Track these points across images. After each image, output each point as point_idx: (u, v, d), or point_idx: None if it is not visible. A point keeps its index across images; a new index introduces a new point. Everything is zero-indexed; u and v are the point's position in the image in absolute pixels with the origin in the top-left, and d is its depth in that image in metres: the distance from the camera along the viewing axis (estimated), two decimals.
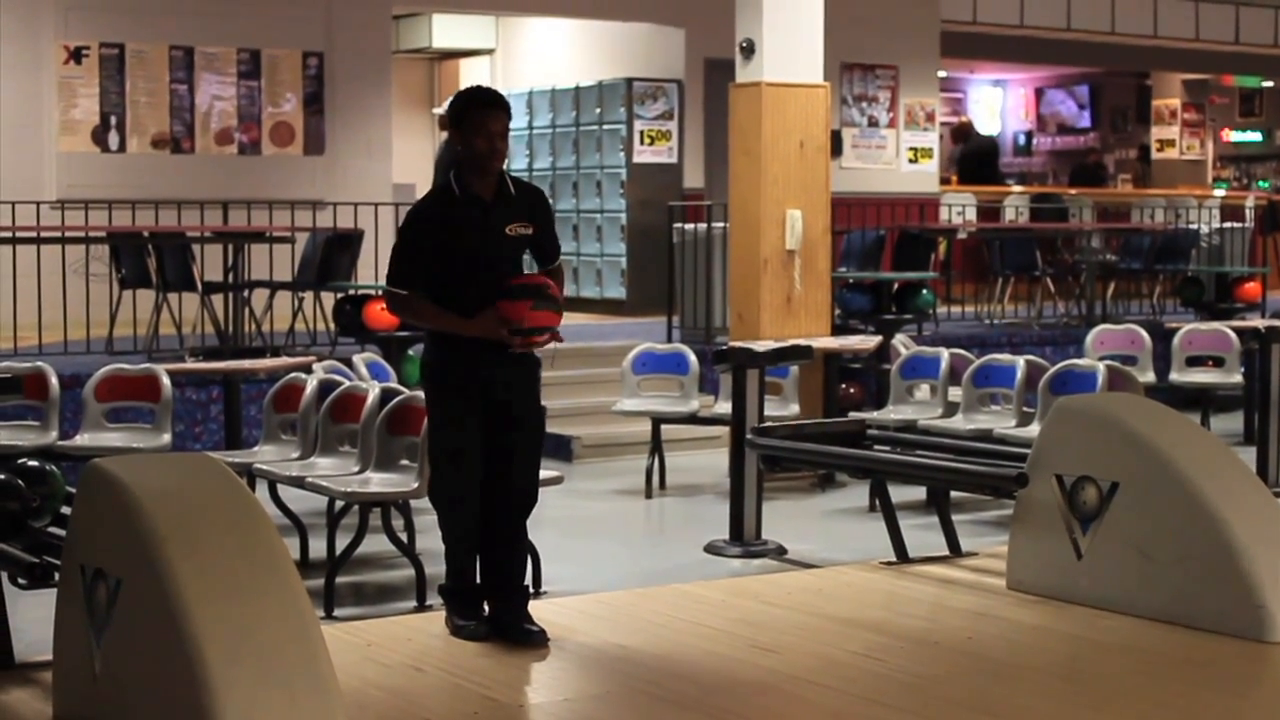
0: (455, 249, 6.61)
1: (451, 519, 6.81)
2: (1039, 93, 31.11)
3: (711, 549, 9.84)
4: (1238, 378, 13.71)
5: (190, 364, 11.85)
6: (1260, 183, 29.88)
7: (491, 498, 6.78)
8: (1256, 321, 14.68)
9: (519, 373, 6.80)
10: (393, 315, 6.62)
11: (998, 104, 31.08)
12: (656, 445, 11.89)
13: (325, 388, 9.61)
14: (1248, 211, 21.75)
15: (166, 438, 9.85)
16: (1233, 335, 13.77)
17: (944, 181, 21.53)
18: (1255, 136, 31.70)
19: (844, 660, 6.48)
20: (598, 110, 18.34)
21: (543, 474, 9.18)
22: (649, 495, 11.78)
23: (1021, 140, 31.19)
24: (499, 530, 6.79)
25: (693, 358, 12.14)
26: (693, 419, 11.97)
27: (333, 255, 14.02)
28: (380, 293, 7.05)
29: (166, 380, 10.02)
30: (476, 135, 6.63)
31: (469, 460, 6.72)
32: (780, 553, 9.75)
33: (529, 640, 6.60)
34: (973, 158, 23.29)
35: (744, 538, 9.82)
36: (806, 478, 11.86)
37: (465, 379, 6.69)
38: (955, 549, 8.48)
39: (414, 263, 6.71)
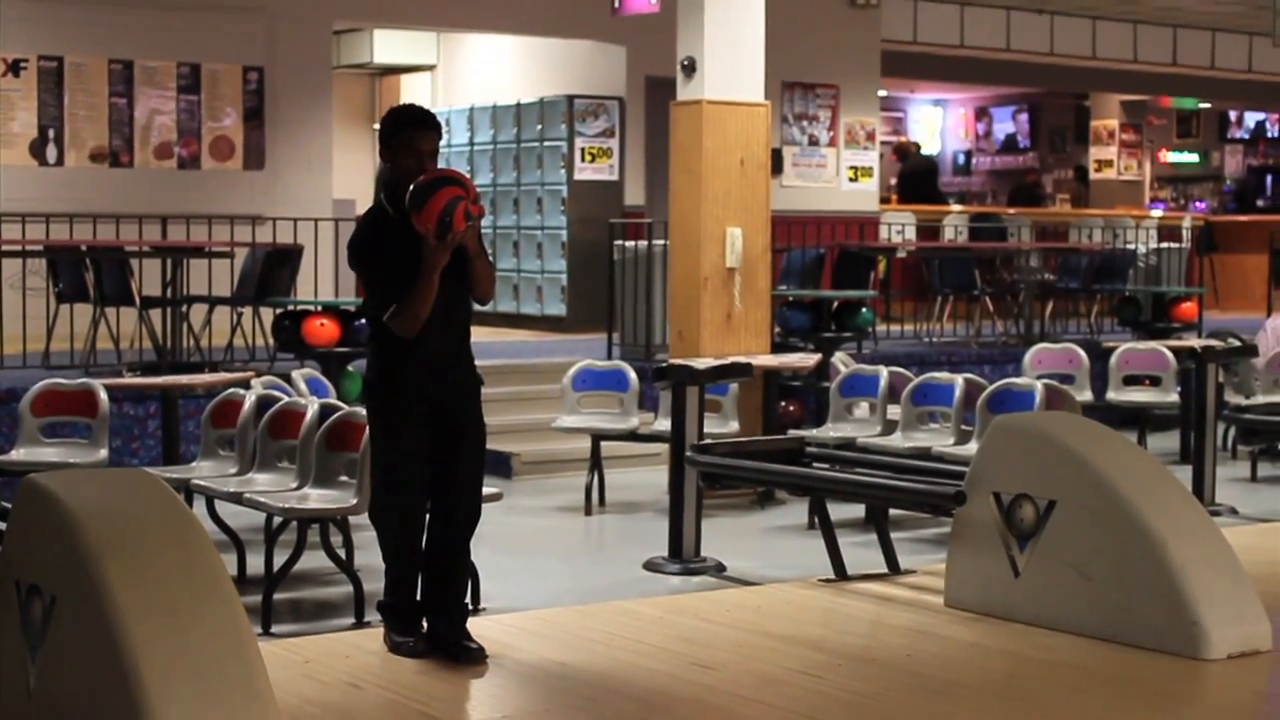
0: (400, 269, 6.53)
1: (392, 536, 6.78)
2: (979, 112, 31.29)
3: (651, 566, 9.84)
4: (1174, 397, 13.80)
5: (128, 379, 11.78)
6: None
7: (436, 515, 6.77)
8: (1193, 341, 14.78)
9: (463, 389, 6.76)
10: (404, 333, 6.51)
11: (937, 123, 31.25)
12: (596, 462, 11.88)
13: (264, 403, 9.58)
14: (1185, 232, 21.92)
15: (103, 453, 9.79)
16: (1169, 355, 13.87)
17: (884, 200, 21.61)
18: (1192, 157, 31.97)
19: (782, 678, 6.49)
20: (539, 127, 18.34)
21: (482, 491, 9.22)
22: (588, 512, 11.77)
23: (961, 160, 31.35)
24: (442, 548, 6.77)
25: (632, 375, 12.14)
26: (632, 436, 11.97)
27: (272, 270, 13.97)
28: (366, 318, 6.89)
29: (104, 395, 9.96)
30: (406, 155, 6.61)
31: (411, 477, 6.70)
32: (719, 570, 9.76)
33: (468, 657, 6.59)
34: (912, 177, 23.40)
35: (683, 555, 9.83)
36: (746, 495, 11.87)
37: (409, 395, 6.65)
38: (894, 567, 8.50)
39: (382, 284, 6.62)
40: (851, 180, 20.17)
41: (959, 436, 10.93)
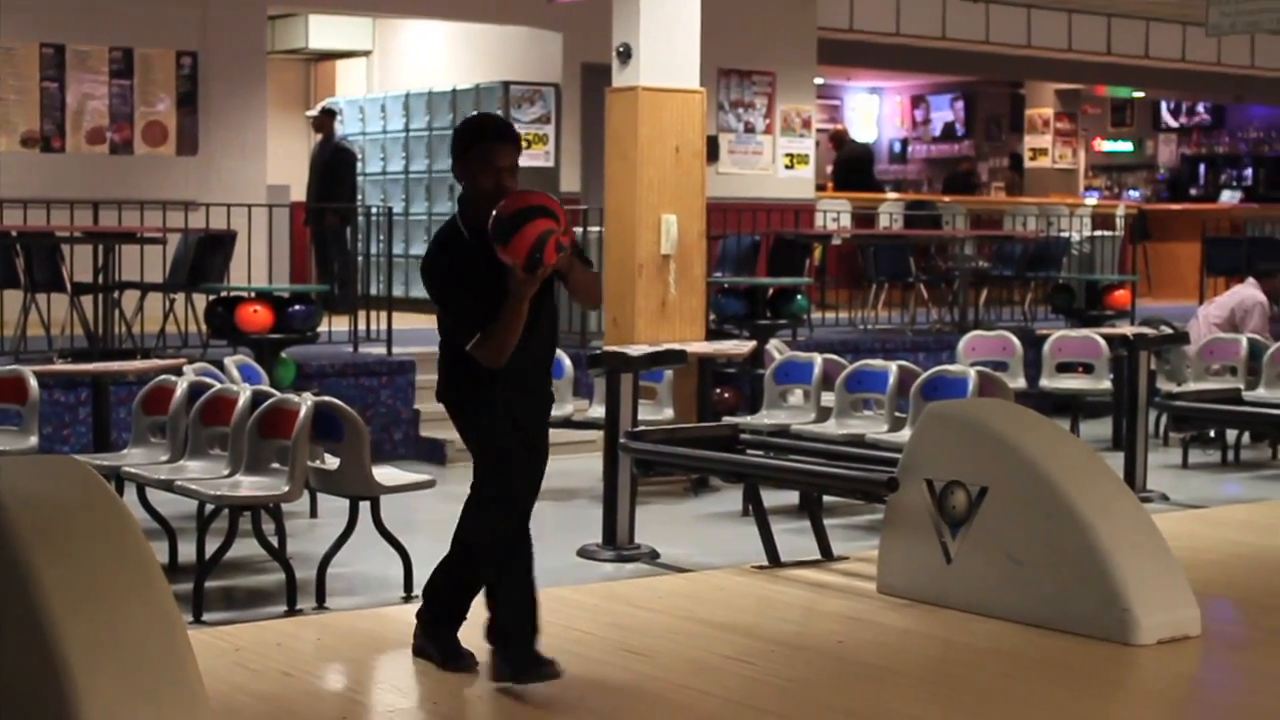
0: (480, 295, 5.98)
1: (505, 562, 6.28)
2: (915, 100, 31.38)
3: (584, 553, 9.83)
4: (1107, 384, 13.89)
5: (58, 365, 11.70)
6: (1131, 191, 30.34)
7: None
8: (1125, 328, 14.88)
9: (542, 406, 6.41)
10: (490, 363, 6.02)
11: (874, 111, 31.32)
12: None
13: (195, 390, 9.52)
14: (1118, 220, 22.03)
15: (33, 440, 9.71)
16: (1102, 342, 13.95)
17: (819, 188, 21.65)
18: (1126, 146, 32.14)
19: (715, 664, 6.50)
20: (474, 113, 18.27)
21: (416, 478, 9.22)
22: None
23: (897, 148, 31.44)
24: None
25: (567, 362, 12.12)
26: (567, 423, 11.93)
27: (205, 257, 13.89)
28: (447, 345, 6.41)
29: (34, 382, 9.88)
30: (482, 172, 6.02)
31: (522, 491, 6.34)
32: (653, 557, 9.76)
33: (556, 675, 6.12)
34: (847, 164, 23.45)
35: (617, 542, 9.82)
36: (680, 482, 11.88)
37: (502, 412, 6.17)
38: (827, 553, 8.53)
39: (467, 307, 6.02)
40: (787, 168, 20.19)
41: (892, 423, 10.96)
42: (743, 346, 12.86)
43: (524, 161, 18.72)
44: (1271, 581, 8.30)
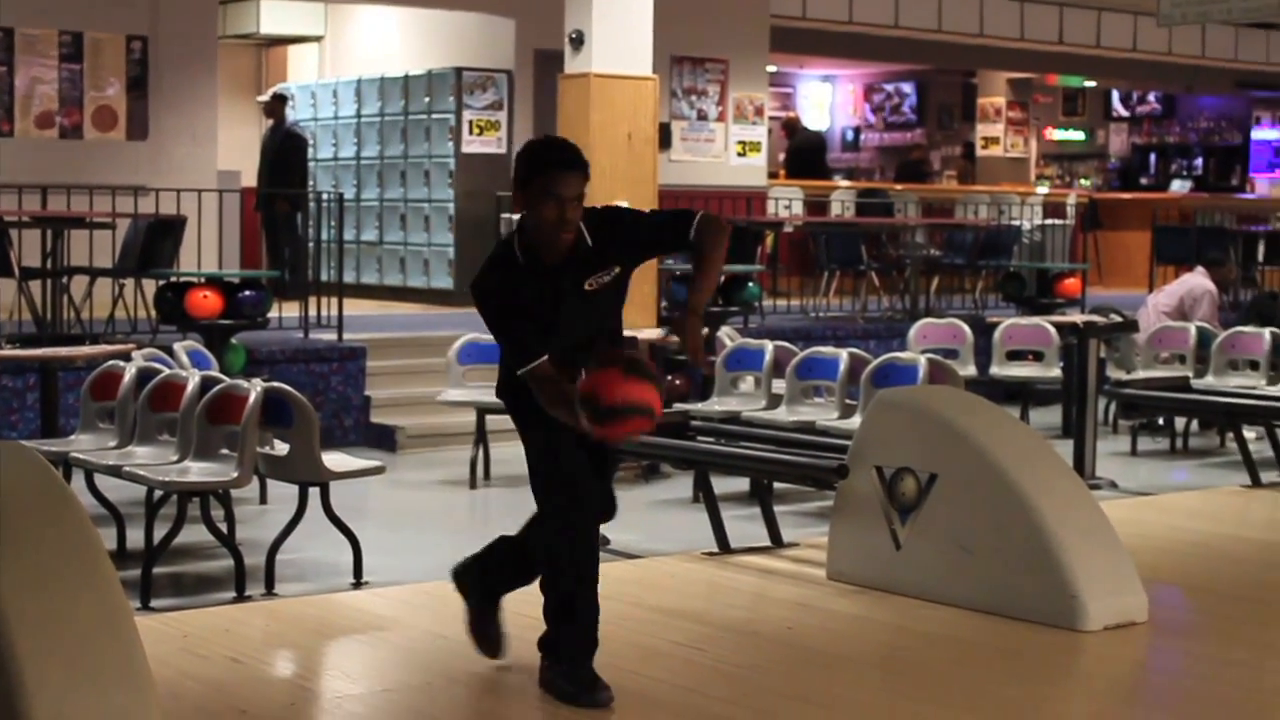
0: (530, 316, 5.70)
1: (578, 554, 5.94)
2: (867, 89, 31.43)
3: None
4: (1056, 372, 13.94)
5: (6, 351, 11.60)
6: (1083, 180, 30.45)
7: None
8: (1075, 317, 14.95)
9: None
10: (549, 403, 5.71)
11: (826, 99, 31.35)
12: (481, 436, 11.85)
13: (144, 375, 9.48)
14: (1069, 209, 22.11)
15: None
16: (1052, 330, 14.00)
17: (772, 175, 21.67)
18: (1078, 135, 32.26)
19: (665, 650, 6.50)
20: (426, 99, 18.24)
21: (365, 464, 9.20)
22: (473, 486, 11.74)
23: (849, 136, 31.48)
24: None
25: None
26: None
27: (155, 242, 13.81)
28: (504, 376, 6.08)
29: None
30: (544, 202, 5.60)
31: (590, 490, 5.94)
32: (603, 543, 9.70)
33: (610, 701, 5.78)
34: (800, 152, 23.47)
35: None
36: (630, 468, 11.87)
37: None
38: (777, 540, 8.54)
39: (518, 331, 5.75)
40: (740, 155, 20.20)
41: (843, 411, 10.98)
42: None
43: (476, 149, 18.62)
44: (1218, 568, 8.35)
